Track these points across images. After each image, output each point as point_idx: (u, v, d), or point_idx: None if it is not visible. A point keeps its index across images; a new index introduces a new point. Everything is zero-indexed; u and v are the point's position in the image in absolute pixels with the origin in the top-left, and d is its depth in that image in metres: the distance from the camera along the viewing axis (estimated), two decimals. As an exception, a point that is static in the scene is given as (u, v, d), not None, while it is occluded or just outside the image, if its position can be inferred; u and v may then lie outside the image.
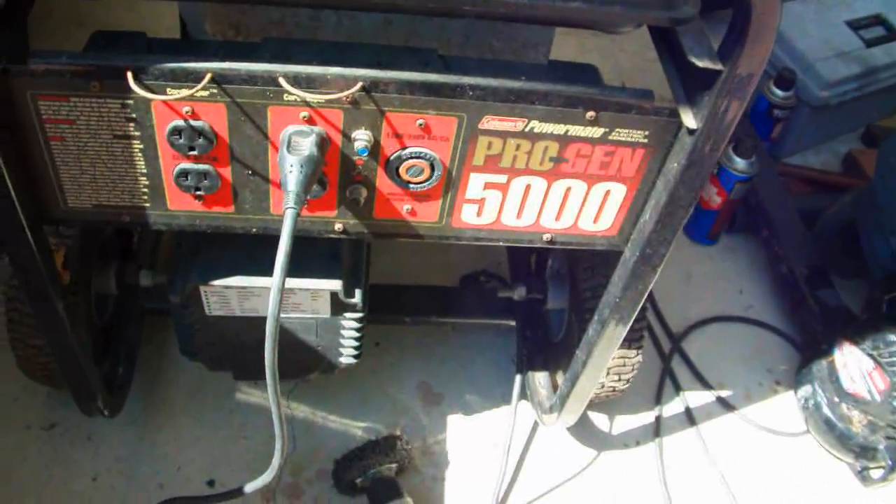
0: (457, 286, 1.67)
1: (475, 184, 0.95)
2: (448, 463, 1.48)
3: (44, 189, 0.91)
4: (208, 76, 0.81)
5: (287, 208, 0.81)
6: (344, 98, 0.83)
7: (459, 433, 1.52)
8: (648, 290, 1.06)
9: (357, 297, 1.12)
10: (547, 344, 1.55)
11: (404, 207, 0.96)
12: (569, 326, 1.41)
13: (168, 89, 0.82)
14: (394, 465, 1.36)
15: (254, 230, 0.97)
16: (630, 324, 1.11)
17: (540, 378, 1.52)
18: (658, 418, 1.60)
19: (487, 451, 1.50)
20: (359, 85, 0.82)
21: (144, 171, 0.90)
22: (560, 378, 1.42)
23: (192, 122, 0.85)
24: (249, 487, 1.03)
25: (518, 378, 1.55)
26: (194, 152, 0.87)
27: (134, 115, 0.85)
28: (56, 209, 0.94)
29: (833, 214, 1.88)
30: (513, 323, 1.59)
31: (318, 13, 1.03)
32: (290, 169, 0.82)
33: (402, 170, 0.91)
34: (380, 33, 1.04)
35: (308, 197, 0.86)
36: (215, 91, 0.82)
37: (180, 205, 0.94)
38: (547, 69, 0.96)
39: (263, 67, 0.81)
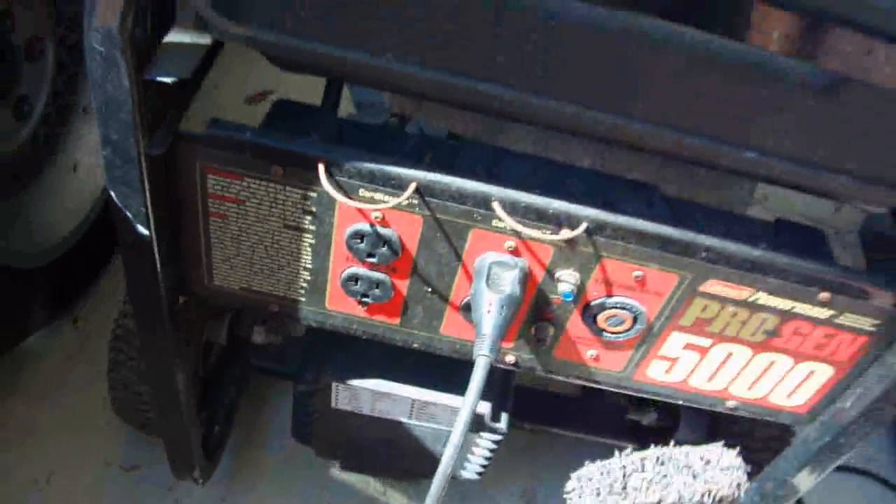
0: (580, 394, 1.53)
1: (674, 342, 0.82)
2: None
3: (191, 263, 0.82)
4: (412, 186, 0.70)
5: (479, 355, 0.69)
6: (564, 238, 0.71)
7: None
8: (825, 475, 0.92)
9: (502, 422, 1.00)
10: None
11: (589, 352, 0.84)
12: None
13: (361, 190, 0.71)
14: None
15: (415, 345, 0.86)
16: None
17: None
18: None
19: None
20: (583, 226, 0.70)
21: (309, 266, 0.79)
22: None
23: (380, 229, 0.74)
24: None
25: (631, 503, 1.41)
26: (373, 259, 0.76)
27: (314, 209, 0.74)
28: (199, 285, 0.84)
29: None
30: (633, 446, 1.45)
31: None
32: (488, 308, 0.70)
33: (600, 317, 0.78)
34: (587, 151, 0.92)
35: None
36: (415, 202, 0.71)
37: (340, 306, 0.83)
38: (774, 230, 0.82)
39: (478, 187, 0.70)
